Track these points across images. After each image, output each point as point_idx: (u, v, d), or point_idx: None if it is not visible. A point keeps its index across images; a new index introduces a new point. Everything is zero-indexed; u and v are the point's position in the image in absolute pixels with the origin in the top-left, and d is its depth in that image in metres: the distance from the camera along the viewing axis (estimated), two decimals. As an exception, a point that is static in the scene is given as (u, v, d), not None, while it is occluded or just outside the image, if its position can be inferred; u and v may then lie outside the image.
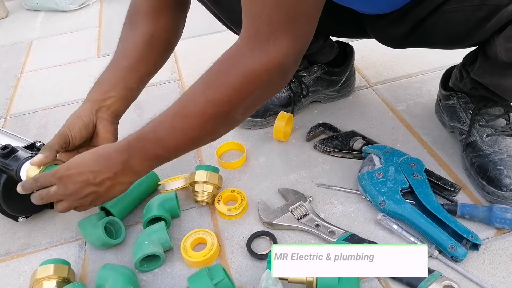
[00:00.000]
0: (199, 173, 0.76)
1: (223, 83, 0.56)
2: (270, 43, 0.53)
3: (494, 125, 0.77)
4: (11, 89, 1.24)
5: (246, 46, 0.54)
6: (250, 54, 0.54)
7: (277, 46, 0.53)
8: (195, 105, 0.58)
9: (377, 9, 0.73)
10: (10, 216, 0.77)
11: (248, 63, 0.54)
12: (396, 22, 0.72)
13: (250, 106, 0.61)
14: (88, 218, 0.72)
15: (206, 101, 0.57)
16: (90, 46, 1.44)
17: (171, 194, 0.76)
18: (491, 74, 0.71)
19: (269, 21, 0.52)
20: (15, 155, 0.72)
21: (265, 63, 0.54)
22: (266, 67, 0.54)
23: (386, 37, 0.80)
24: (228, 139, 0.93)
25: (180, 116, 0.60)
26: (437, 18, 0.68)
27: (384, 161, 0.77)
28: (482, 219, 0.69)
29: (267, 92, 0.60)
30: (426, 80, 1.05)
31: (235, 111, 0.59)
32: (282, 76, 0.57)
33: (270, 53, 0.53)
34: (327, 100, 1.01)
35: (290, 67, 0.57)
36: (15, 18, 1.73)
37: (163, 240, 0.68)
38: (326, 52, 0.95)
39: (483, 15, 0.63)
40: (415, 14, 0.69)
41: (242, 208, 0.75)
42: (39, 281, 0.64)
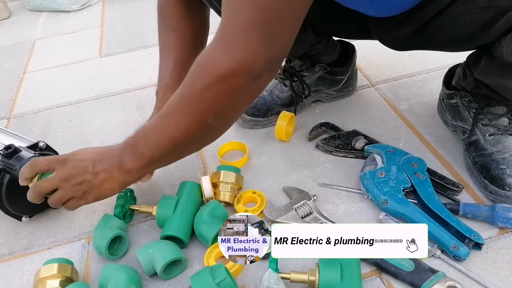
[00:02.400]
0: (225, 174, 0.77)
1: (192, 87, 0.56)
2: (239, 44, 0.51)
3: (497, 124, 0.77)
4: (14, 90, 1.25)
5: (216, 46, 0.53)
6: (220, 55, 0.52)
7: (246, 48, 0.50)
8: (172, 109, 0.59)
9: (382, 12, 0.73)
10: (14, 216, 0.77)
11: (215, 65, 0.52)
12: (401, 24, 0.72)
13: (223, 111, 0.58)
14: (103, 224, 0.72)
15: (180, 104, 0.58)
16: (93, 46, 1.44)
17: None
18: (495, 74, 0.71)
19: (242, 20, 0.50)
20: (19, 155, 0.72)
21: (232, 65, 0.51)
22: (232, 69, 0.51)
23: (390, 39, 0.80)
24: (230, 138, 0.93)
25: (163, 117, 0.60)
26: (442, 21, 0.67)
27: (386, 160, 0.77)
28: (484, 218, 0.69)
29: (237, 97, 0.56)
30: (428, 79, 1.05)
31: (207, 117, 0.57)
32: (251, 82, 0.54)
33: (237, 55, 0.51)
34: (329, 100, 1.01)
35: (260, 73, 0.53)
36: (17, 19, 1.74)
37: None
38: (329, 53, 0.95)
39: (489, 17, 0.62)
40: (420, 17, 0.68)
41: (261, 210, 0.75)
42: (43, 280, 0.64)
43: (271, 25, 0.50)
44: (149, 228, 0.76)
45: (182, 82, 0.58)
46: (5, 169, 0.72)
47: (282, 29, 0.52)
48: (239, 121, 0.96)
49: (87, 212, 0.81)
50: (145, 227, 0.77)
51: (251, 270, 0.67)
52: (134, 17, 1.61)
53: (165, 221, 0.72)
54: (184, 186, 0.77)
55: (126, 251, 0.73)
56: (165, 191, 0.83)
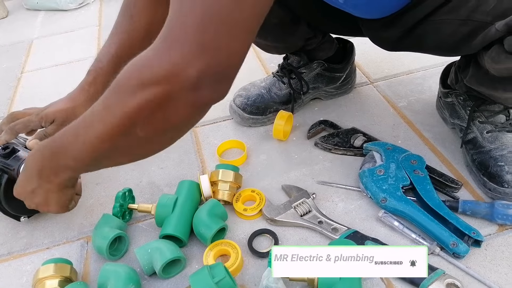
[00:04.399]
0: (224, 172, 0.76)
1: (119, 91, 0.49)
2: (177, 46, 0.45)
3: (494, 121, 0.77)
4: (11, 89, 1.25)
5: (154, 48, 0.47)
6: (155, 56, 0.46)
7: (184, 52, 0.44)
8: (95, 114, 0.53)
9: (368, 14, 0.72)
10: (12, 216, 0.77)
11: (149, 67, 0.46)
12: (388, 27, 0.72)
13: (152, 122, 0.49)
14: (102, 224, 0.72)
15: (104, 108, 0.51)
16: (90, 45, 1.44)
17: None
18: (483, 84, 0.71)
19: (184, 22, 0.45)
20: (16, 155, 0.72)
21: (166, 68, 0.45)
22: (166, 73, 0.45)
23: (379, 39, 0.80)
24: (228, 137, 0.93)
25: (83, 124, 0.54)
26: (426, 28, 0.67)
27: (385, 158, 0.77)
28: (484, 215, 0.69)
29: (170, 107, 0.48)
30: (427, 76, 1.05)
31: (133, 126, 0.49)
32: (187, 92, 0.46)
33: (174, 58, 0.44)
34: (328, 97, 1.01)
35: (198, 82, 0.45)
36: (15, 18, 1.73)
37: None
38: (325, 48, 0.95)
39: (468, 30, 0.62)
40: (405, 21, 0.68)
41: (259, 209, 0.75)
42: (42, 280, 0.64)
43: (215, 30, 0.44)
44: (148, 227, 0.76)
45: (109, 86, 0.50)
46: (3, 169, 0.72)
47: (229, 37, 0.45)
48: (238, 119, 0.96)
49: (86, 212, 0.81)
50: (144, 226, 0.76)
51: (250, 269, 0.67)
52: (131, 15, 1.60)
53: (164, 220, 0.72)
54: (182, 185, 0.77)
55: (126, 251, 0.73)
56: (163, 190, 0.83)
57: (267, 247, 0.70)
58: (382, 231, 0.70)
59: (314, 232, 0.71)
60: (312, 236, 0.71)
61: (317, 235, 0.71)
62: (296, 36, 0.88)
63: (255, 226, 0.73)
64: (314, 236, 0.71)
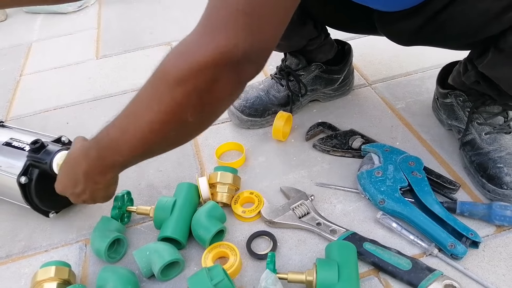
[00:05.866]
0: (222, 174, 0.76)
1: (165, 80, 0.50)
2: (222, 30, 0.46)
3: (492, 123, 0.77)
4: (10, 92, 1.25)
5: (198, 33, 0.48)
6: (201, 41, 0.47)
7: (229, 34, 0.46)
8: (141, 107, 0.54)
9: (392, 7, 0.71)
10: (42, 212, 0.77)
11: (196, 52, 0.47)
12: (409, 16, 0.70)
13: (202, 106, 0.51)
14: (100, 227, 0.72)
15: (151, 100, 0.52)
16: (89, 48, 1.44)
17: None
18: (505, 65, 0.68)
19: (227, 5, 0.46)
20: (46, 149, 0.73)
21: (213, 51, 0.46)
22: (214, 57, 0.46)
23: (395, 32, 0.77)
24: (227, 139, 0.93)
25: (130, 117, 0.55)
26: (455, 9, 0.65)
27: (383, 159, 0.77)
28: (481, 216, 0.69)
29: (217, 89, 0.50)
30: (425, 78, 1.05)
31: (185, 114, 0.51)
32: (232, 72, 0.49)
33: (219, 41, 0.46)
34: (326, 99, 1.01)
35: (242, 63, 0.48)
36: (14, 21, 1.73)
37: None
38: (325, 50, 0.95)
39: (504, 5, 0.60)
40: (432, 6, 0.66)
41: (258, 211, 0.75)
42: (40, 283, 0.64)
43: (258, 12, 0.47)
44: (146, 229, 0.76)
45: (151, 74, 0.52)
46: (34, 164, 0.73)
47: (270, 19, 0.49)
48: (236, 122, 0.96)
49: (84, 215, 0.81)
50: (143, 229, 0.77)
51: (248, 271, 0.67)
52: (130, 18, 1.61)
53: (162, 222, 0.72)
54: (181, 187, 0.77)
55: (125, 253, 0.72)
56: (162, 192, 0.83)
57: (265, 249, 0.70)
58: (380, 233, 0.70)
59: (312, 233, 0.71)
60: (310, 238, 0.71)
61: (315, 237, 0.71)
62: (300, 35, 0.88)
63: (253, 228, 0.73)
64: (313, 237, 0.71)
